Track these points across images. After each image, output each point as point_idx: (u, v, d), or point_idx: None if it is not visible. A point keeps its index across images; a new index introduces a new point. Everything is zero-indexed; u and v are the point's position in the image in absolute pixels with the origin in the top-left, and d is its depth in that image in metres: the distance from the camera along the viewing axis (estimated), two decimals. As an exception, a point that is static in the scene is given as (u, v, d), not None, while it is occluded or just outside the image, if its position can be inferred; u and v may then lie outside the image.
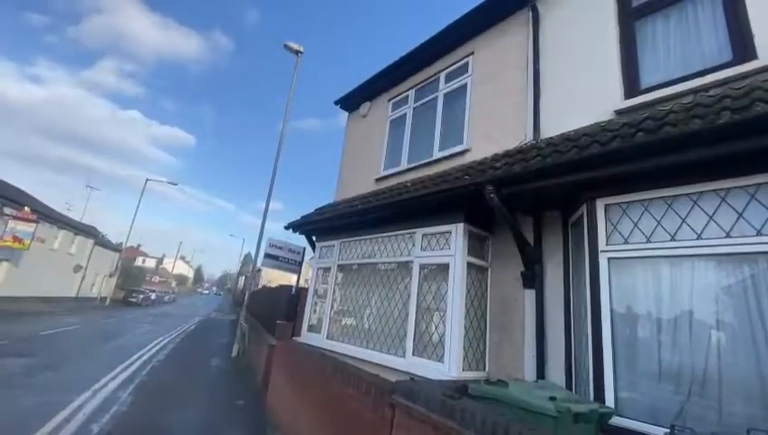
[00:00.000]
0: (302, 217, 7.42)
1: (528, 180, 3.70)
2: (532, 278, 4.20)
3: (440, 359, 4.25)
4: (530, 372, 3.98)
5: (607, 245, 3.26)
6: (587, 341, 3.26)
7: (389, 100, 7.76)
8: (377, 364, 4.89)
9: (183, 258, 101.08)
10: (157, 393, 7.26)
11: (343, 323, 6.05)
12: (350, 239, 6.27)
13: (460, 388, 3.21)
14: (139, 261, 70.14)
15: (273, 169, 13.56)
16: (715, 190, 2.79)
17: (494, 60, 5.69)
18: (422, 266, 4.85)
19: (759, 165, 2.59)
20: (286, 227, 7.51)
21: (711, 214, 2.78)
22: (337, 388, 3.98)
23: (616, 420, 2.71)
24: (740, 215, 2.66)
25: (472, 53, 6.10)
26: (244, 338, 11.91)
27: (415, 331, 4.64)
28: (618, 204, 3.30)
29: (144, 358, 10.62)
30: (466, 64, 6.16)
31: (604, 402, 2.90)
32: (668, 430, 1.94)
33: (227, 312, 38.10)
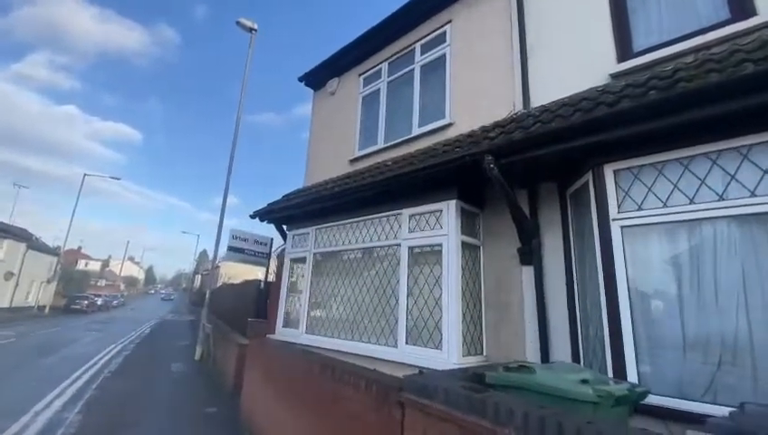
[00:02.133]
0: (269, 205, 6.80)
1: (530, 148, 3.41)
2: (530, 254, 3.97)
3: (438, 346, 3.94)
4: (532, 352, 3.77)
5: (619, 212, 3.05)
6: (600, 315, 3.06)
7: (360, 75, 7.23)
8: (366, 357, 4.52)
9: (132, 259, 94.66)
10: (111, 409, 6.43)
11: (324, 315, 5.59)
12: (326, 225, 5.77)
13: (471, 376, 2.91)
14: (81, 264, 64.68)
15: (229, 158, 12.62)
16: (736, 148, 2.63)
17: (475, 27, 5.36)
18: (411, 249, 4.48)
19: (784, 118, 2.44)
20: (252, 216, 6.84)
21: (733, 173, 2.62)
22: (329, 388, 3.55)
23: (648, 399, 2.51)
24: (765, 172, 2.51)
25: (449, 22, 5.73)
26: (208, 339, 11.08)
27: (407, 318, 4.29)
28: (628, 169, 3.09)
29: (94, 369, 9.54)
30: (444, 34, 5.78)
31: (626, 380, 2.71)
32: (736, 409, 1.73)
33: (184, 313, 36.05)
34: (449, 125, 5.25)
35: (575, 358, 3.49)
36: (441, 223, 4.21)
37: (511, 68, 4.76)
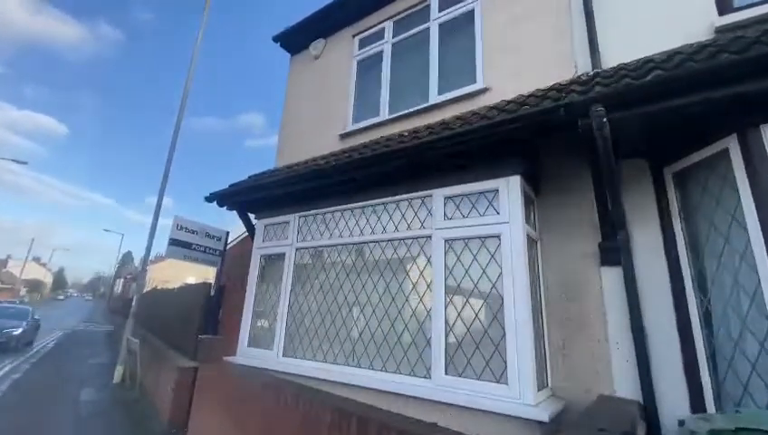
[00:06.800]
0: (232, 185, 5.25)
1: (654, 99, 2.43)
2: (616, 251, 2.99)
3: (500, 378, 2.78)
4: (625, 384, 2.77)
5: (793, 191, 2.16)
6: (764, 339, 2.12)
7: (355, 35, 5.97)
8: (377, 391, 3.25)
9: (37, 260, 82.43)
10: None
11: (310, 331, 4.17)
12: (315, 212, 4.41)
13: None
14: (-31, 265, 54.64)
15: (170, 148, 10.64)
16: None
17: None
18: (449, 242, 3.31)
19: None
20: (209, 199, 5.21)
21: None
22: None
23: None
24: None
25: (478, -29, 4.74)
26: (134, 358, 8.90)
27: (446, 337, 3.10)
28: (802, 130, 2.22)
29: (-37, 402, 7.06)
30: (471, -15, 4.77)
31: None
32: None
33: (100, 322, 31.30)
34: (483, 90, 4.20)
35: (696, 394, 2.54)
36: (497, 207, 3.10)
37: (568, 22, 3.85)
